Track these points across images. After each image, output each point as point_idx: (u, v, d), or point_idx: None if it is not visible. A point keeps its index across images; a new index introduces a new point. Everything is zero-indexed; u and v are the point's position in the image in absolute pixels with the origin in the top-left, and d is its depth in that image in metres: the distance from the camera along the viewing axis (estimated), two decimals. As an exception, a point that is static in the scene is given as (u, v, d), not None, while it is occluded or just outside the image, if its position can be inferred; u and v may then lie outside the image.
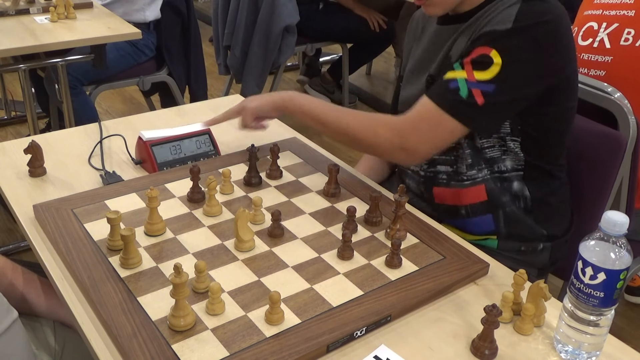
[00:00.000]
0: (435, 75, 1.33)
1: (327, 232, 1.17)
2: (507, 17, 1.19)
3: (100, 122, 1.55)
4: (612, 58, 1.66)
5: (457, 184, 1.36)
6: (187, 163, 1.37)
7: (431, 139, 1.23)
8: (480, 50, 1.20)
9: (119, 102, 3.82)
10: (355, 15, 3.51)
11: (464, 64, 1.20)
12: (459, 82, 1.20)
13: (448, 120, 1.21)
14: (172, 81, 2.87)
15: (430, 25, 1.43)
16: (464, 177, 1.35)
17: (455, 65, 1.22)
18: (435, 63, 1.35)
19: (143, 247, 1.09)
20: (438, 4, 1.29)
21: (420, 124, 1.23)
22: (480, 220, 1.36)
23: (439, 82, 1.24)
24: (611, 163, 1.40)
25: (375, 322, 0.96)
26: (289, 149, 1.46)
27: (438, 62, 1.33)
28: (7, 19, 2.33)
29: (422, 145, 1.24)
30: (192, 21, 2.88)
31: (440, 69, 1.31)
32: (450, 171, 1.36)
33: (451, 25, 1.33)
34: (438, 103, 1.21)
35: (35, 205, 1.18)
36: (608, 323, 0.90)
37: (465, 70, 1.20)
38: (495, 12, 1.23)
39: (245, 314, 0.95)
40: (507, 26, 1.18)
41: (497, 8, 1.23)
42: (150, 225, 1.12)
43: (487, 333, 0.91)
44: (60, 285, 1.02)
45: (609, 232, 0.85)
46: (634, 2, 1.67)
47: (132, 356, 0.86)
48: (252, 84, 3.28)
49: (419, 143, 1.24)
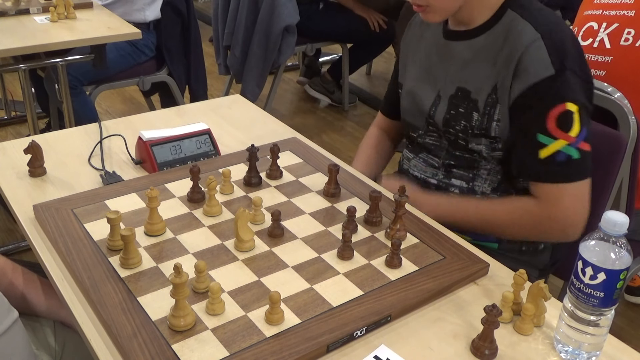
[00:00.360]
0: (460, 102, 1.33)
1: (327, 232, 1.17)
2: (542, 62, 1.20)
3: (100, 122, 1.55)
4: (612, 58, 1.66)
5: None
6: (187, 163, 1.37)
7: (580, 207, 1.25)
8: (555, 112, 1.20)
9: (119, 102, 3.82)
10: (355, 15, 3.51)
11: (553, 133, 1.21)
12: (565, 150, 1.21)
13: (580, 185, 1.24)
14: (172, 81, 2.87)
15: (431, 34, 1.42)
16: (477, 195, 1.37)
17: (542, 139, 1.22)
18: (447, 85, 1.35)
19: (143, 247, 1.09)
20: (437, 11, 1.29)
21: (561, 207, 1.25)
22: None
23: (540, 162, 1.23)
24: (611, 163, 1.40)
25: (375, 322, 0.96)
26: (289, 149, 1.46)
27: (471, 90, 1.32)
28: (7, 19, 2.32)
29: (577, 217, 1.26)
30: (192, 21, 2.88)
31: (486, 103, 1.30)
32: (464, 187, 1.37)
33: (456, 42, 1.34)
34: (561, 181, 1.23)
35: (35, 205, 1.18)
36: (608, 323, 0.90)
37: (560, 139, 1.21)
38: (513, 39, 1.23)
39: (245, 314, 0.95)
40: (551, 72, 1.19)
41: (511, 29, 1.24)
42: (150, 225, 1.12)
43: (487, 333, 0.91)
44: (60, 285, 1.02)
45: (609, 232, 0.85)
46: (634, 2, 1.66)
47: (132, 356, 0.86)
48: (252, 84, 3.28)
49: (573, 217, 1.26)
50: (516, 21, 1.25)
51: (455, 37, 1.35)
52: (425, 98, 1.40)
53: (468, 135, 1.32)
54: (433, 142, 1.42)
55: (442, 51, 1.38)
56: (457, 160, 1.38)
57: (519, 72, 1.22)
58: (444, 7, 1.28)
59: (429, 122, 1.41)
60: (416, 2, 1.29)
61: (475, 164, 1.35)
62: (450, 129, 1.35)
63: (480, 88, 1.29)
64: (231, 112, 1.69)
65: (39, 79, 2.83)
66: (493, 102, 1.28)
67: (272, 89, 3.48)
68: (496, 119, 1.28)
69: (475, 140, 1.32)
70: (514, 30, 1.24)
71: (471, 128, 1.31)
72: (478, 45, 1.30)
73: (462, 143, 1.34)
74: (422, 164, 1.45)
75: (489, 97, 1.28)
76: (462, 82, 1.33)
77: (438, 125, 1.37)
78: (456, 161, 1.38)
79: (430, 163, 1.44)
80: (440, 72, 1.38)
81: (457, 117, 1.33)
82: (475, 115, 1.30)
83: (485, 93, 1.29)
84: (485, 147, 1.31)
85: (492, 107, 1.28)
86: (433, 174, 1.42)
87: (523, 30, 1.23)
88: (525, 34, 1.22)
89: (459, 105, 1.33)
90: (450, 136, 1.36)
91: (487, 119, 1.29)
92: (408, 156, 1.50)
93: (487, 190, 1.36)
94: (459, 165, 1.38)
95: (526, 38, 1.22)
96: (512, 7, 1.27)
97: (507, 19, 1.27)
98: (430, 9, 1.29)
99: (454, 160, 1.39)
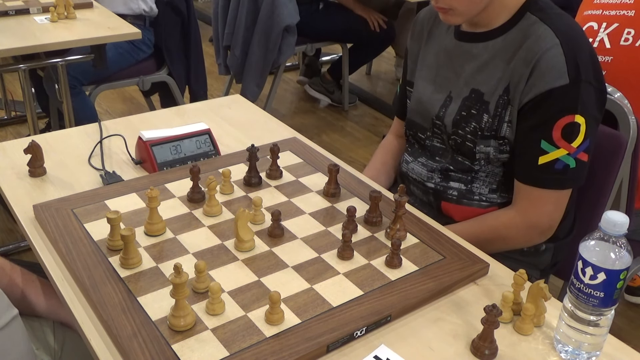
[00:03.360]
0: (471, 101, 1.33)
1: (327, 232, 1.17)
2: (558, 70, 1.19)
3: (100, 122, 1.55)
4: (612, 58, 1.66)
5: (468, 202, 1.37)
6: (187, 163, 1.37)
7: (559, 212, 1.30)
8: (562, 122, 1.21)
9: (119, 102, 3.82)
10: (355, 15, 3.51)
11: (556, 142, 1.22)
12: (563, 159, 1.23)
13: (567, 192, 1.28)
14: (172, 81, 2.87)
15: (440, 32, 1.41)
16: (475, 196, 1.36)
17: (545, 146, 1.23)
18: (461, 87, 1.34)
19: (143, 247, 1.09)
20: (460, 14, 1.27)
21: (543, 210, 1.28)
22: None
23: (537, 168, 1.24)
24: (611, 163, 1.41)
25: (375, 322, 0.96)
26: (289, 149, 1.46)
27: (485, 92, 1.31)
28: (7, 19, 2.32)
29: (554, 222, 1.30)
30: (192, 21, 2.88)
31: (498, 103, 1.30)
32: (463, 189, 1.37)
33: (472, 44, 1.33)
34: (554, 187, 1.26)
35: (35, 205, 1.18)
36: (608, 323, 0.90)
37: (562, 148, 1.22)
38: (533, 42, 1.22)
39: (245, 314, 0.95)
40: (565, 81, 1.19)
41: (531, 33, 1.24)
42: (150, 225, 1.12)
43: (487, 333, 0.91)
44: (60, 285, 1.02)
45: (609, 232, 0.85)
46: (634, 2, 1.66)
47: (132, 356, 0.86)
48: (252, 84, 3.28)
49: (551, 222, 1.30)
50: (537, 25, 1.24)
51: (471, 38, 1.34)
52: (435, 99, 1.39)
53: (477, 137, 1.31)
54: (438, 144, 1.42)
55: (454, 52, 1.37)
56: (456, 165, 1.38)
57: (534, 76, 1.22)
58: (467, 10, 1.26)
59: (436, 123, 1.40)
60: (439, 5, 1.27)
61: (475, 167, 1.35)
62: (460, 130, 1.34)
63: (493, 90, 1.29)
64: (231, 112, 1.69)
65: (39, 78, 2.83)
66: (505, 103, 1.27)
67: (272, 89, 3.48)
68: (507, 120, 1.28)
69: (483, 142, 1.31)
70: (534, 34, 1.23)
71: (480, 130, 1.31)
72: (496, 47, 1.29)
73: (470, 145, 1.33)
74: (421, 167, 1.45)
75: (501, 99, 1.28)
76: (476, 84, 1.32)
77: (447, 126, 1.36)
78: (455, 166, 1.38)
79: (429, 167, 1.43)
80: (452, 74, 1.37)
81: (468, 119, 1.32)
82: (486, 117, 1.30)
83: (497, 94, 1.28)
84: (494, 149, 1.31)
85: (504, 108, 1.28)
86: (429, 178, 1.42)
87: (543, 34, 1.22)
88: (545, 38, 1.21)
89: (471, 107, 1.32)
90: (457, 138, 1.35)
91: (498, 121, 1.29)
92: (407, 159, 1.50)
93: (485, 191, 1.35)
94: (457, 169, 1.38)
95: (545, 43, 1.21)
96: (532, 10, 1.26)
97: (526, 22, 1.26)
98: (453, 12, 1.27)
99: (453, 165, 1.38)
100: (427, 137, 1.44)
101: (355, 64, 3.82)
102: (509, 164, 1.32)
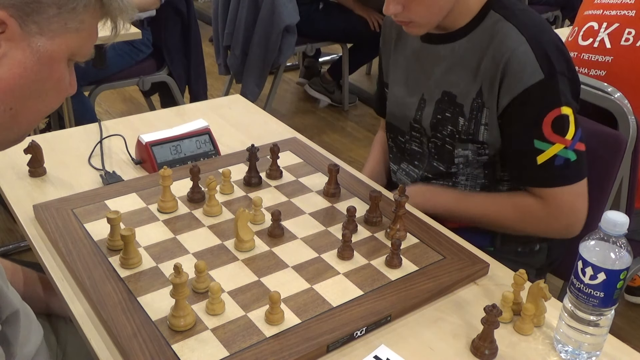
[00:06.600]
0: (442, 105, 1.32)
1: (327, 232, 1.17)
2: (530, 67, 1.18)
3: (100, 122, 1.55)
4: (613, 58, 1.66)
5: None
6: (187, 163, 1.37)
7: (582, 206, 1.26)
8: (550, 117, 1.20)
9: (119, 102, 3.82)
10: (355, 15, 3.51)
11: (549, 138, 1.20)
12: (562, 154, 1.21)
13: (580, 185, 1.24)
14: (172, 81, 2.87)
15: (407, 36, 1.39)
16: None
17: (539, 145, 1.21)
18: (432, 89, 1.33)
19: (143, 247, 1.09)
20: (422, 25, 1.26)
21: (564, 208, 1.25)
22: (477, 237, 1.35)
23: (539, 168, 1.22)
24: (611, 163, 1.40)
25: (375, 322, 0.96)
26: (289, 149, 1.46)
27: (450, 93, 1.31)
28: (7, 19, 2.32)
29: (581, 217, 1.26)
30: (192, 21, 2.88)
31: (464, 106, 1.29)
32: None
33: (438, 45, 1.32)
34: (562, 184, 1.23)
35: (35, 205, 1.18)
36: (608, 323, 0.90)
37: (557, 143, 1.21)
38: (498, 43, 1.21)
39: (245, 314, 0.95)
40: (540, 77, 1.18)
41: (496, 32, 1.22)
42: (163, 203, 1.18)
43: (487, 333, 0.91)
44: (60, 285, 1.02)
45: (609, 232, 0.85)
46: (634, 2, 1.66)
47: (132, 356, 0.86)
48: (252, 84, 3.28)
49: (579, 218, 1.26)
50: (500, 23, 1.22)
51: (435, 40, 1.32)
52: (409, 102, 1.38)
53: (455, 140, 1.31)
54: (416, 148, 1.41)
55: (422, 54, 1.36)
56: (433, 171, 1.37)
57: (507, 77, 1.20)
58: (428, 21, 1.25)
59: (414, 127, 1.39)
60: (399, 19, 1.25)
61: (452, 171, 1.34)
62: (438, 133, 1.33)
63: (465, 92, 1.27)
64: (231, 112, 1.69)
65: (38, 78, 2.82)
66: (479, 106, 1.26)
67: (272, 89, 3.48)
68: (483, 123, 1.27)
69: (461, 146, 1.30)
70: (499, 34, 1.22)
71: (458, 133, 1.30)
72: (461, 48, 1.28)
73: (449, 147, 1.32)
74: (405, 177, 1.45)
75: (474, 102, 1.26)
76: (447, 86, 1.30)
77: (426, 129, 1.35)
78: (433, 172, 1.37)
79: (412, 177, 1.43)
80: (422, 76, 1.36)
81: (444, 122, 1.31)
82: (462, 120, 1.29)
83: (470, 97, 1.27)
84: (472, 152, 1.30)
85: (479, 111, 1.26)
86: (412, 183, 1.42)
87: (508, 33, 1.20)
88: (511, 37, 1.20)
89: (445, 110, 1.31)
90: (437, 141, 1.34)
91: (475, 124, 1.27)
92: (393, 169, 1.50)
93: None
94: (435, 175, 1.37)
95: (511, 42, 1.19)
96: (495, 8, 1.24)
97: (490, 21, 1.24)
98: (414, 24, 1.25)
99: (430, 172, 1.38)
100: (406, 141, 1.43)
101: (355, 64, 3.82)
102: (489, 165, 1.31)
